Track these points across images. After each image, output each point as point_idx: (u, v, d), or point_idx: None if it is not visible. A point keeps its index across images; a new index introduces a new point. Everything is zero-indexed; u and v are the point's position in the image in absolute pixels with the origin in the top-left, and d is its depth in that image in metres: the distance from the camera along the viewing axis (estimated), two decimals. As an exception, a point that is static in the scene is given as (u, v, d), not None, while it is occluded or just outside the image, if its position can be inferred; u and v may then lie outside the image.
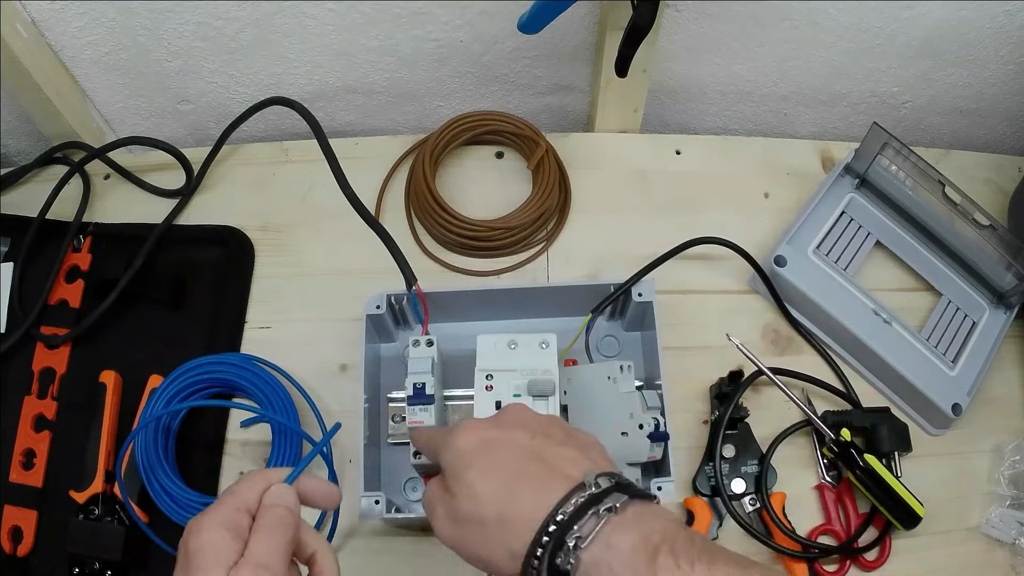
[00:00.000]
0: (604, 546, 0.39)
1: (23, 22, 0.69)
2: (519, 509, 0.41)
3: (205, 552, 0.39)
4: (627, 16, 0.62)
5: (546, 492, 0.41)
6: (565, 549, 0.39)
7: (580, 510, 0.40)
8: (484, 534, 0.42)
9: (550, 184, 0.75)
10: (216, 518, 0.40)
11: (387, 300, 0.65)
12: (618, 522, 0.40)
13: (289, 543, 0.41)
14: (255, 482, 0.43)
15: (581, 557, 0.39)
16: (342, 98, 0.83)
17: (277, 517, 0.42)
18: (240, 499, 0.42)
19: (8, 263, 0.74)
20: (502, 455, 0.44)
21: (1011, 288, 0.72)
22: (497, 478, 0.43)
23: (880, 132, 0.71)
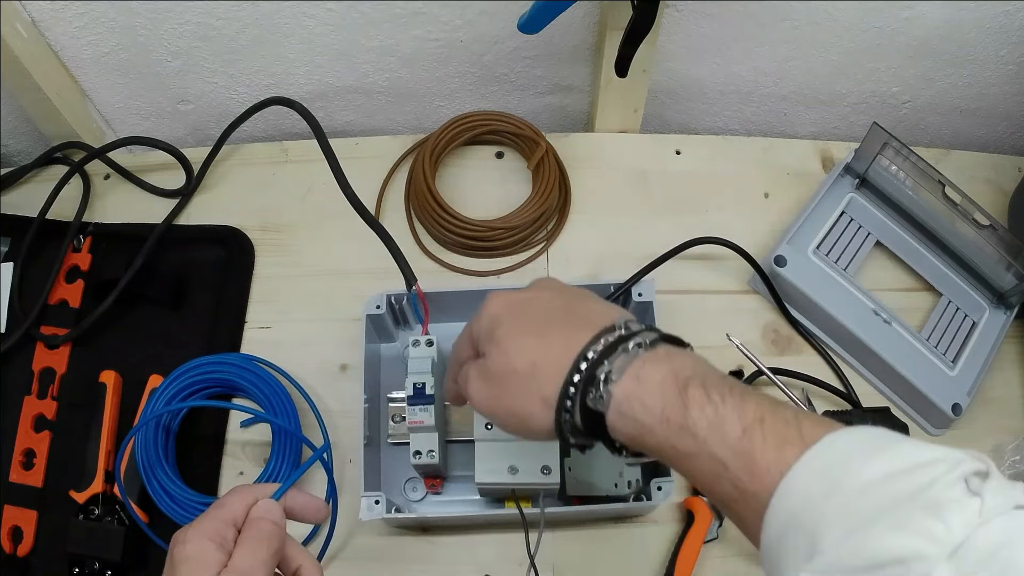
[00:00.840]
0: (634, 380, 0.39)
1: (23, 22, 0.69)
2: (549, 355, 0.41)
3: (189, 561, 0.40)
4: (627, 16, 0.62)
5: (576, 336, 0.41)
6: (596, 383, 0.39)
7: (610, 348, 0.40)
8: (517, 386, 0.42)
9: (550, 184, 0.75)
10: (201, 529, 0.41)
11: (387, 300, 0.65)
12: (648, 357, 0.40)
13: (273, 556, 0.42)
14: (242, 496, 0.44)
15: (612, 392, 0.39)
16: (342, 98, 0.83)
17: (262, 531, 0.42)
18: (227, 512, 0.43)
19: (8, 263, 0.74)
20: (532, 312, 0.45)
21: (1011, 288, 0.72)
22: (527, 331, 0.43)
23: (880, 132, 0.71)
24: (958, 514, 0.30)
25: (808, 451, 0.34)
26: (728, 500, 0.37)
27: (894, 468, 0.32)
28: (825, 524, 0.32)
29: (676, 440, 0.38)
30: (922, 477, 0.32)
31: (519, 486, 0.58)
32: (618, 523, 0.66)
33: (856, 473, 0.33)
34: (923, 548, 0.30)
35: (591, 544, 0.65)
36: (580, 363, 0.40)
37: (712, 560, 0.64)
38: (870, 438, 0.34)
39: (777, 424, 0.36)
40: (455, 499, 0.65)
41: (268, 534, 0.42)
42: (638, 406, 0.39)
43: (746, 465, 0.36)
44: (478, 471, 0.58)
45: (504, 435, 0.58)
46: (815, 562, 0.32)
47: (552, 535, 0.64)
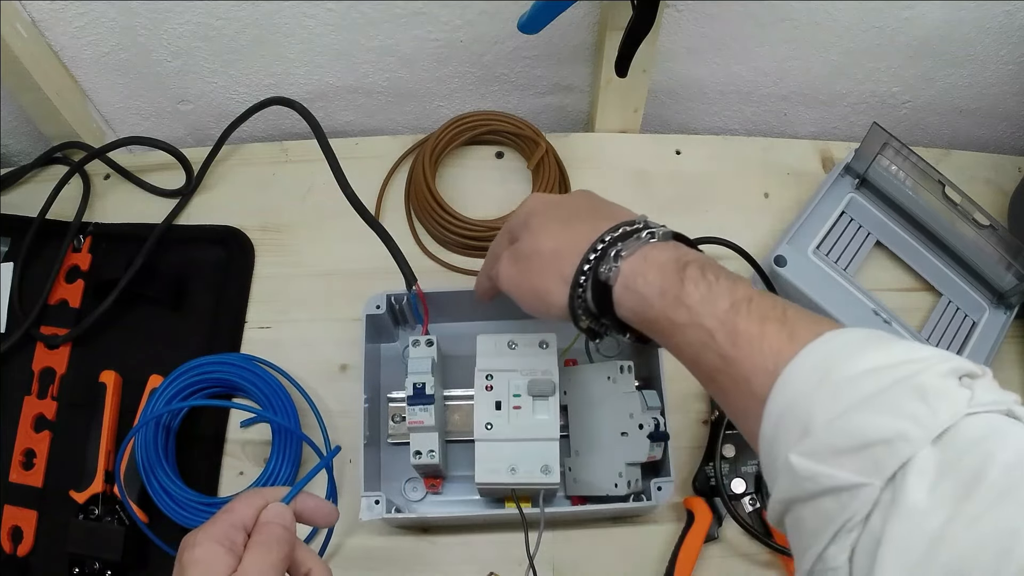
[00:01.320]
0: (641, 258, 0.43)
1: (23, 22, 0.69)
2: (572, 239, 0.46)
3: (199, 565, 0.40)
4: (627, 16, 0.62)
5: (598, 225, 0.46)
6: (607, 259, 0.44)
7: (625, 235, 0.45)
8: (540, 265, 0.47)
9: (550, 184, 0.75)
10: (211, 533, 0.41)
11: (387, 300, 0.65)
12: (657, 244, 0.44)
13: (283, 560, 0.42)
14: (252, 500, 0.44)
15: (620, 267, 0.43)
16: (342, 98, 0.83)
17: (272, 535, 0.42)
18: (236, 516, 0.43)
19: (8, 263, 0.74)
20: (565, 207, 0.50)
21: (1011, 288, 0.72)
22: (557, 221, 0.48)
23: (880, 132, 0.71)
24: (945, 401, 0.32)
25: (810, 344, 0.36)
26: (712, 371, 0.40)
27: (888, 361, 0.34)
28: (816, 408, 0.34)
29: (671, 312, 0.41)
30: (914, 367, 0.33)
31: (519, 486, 0.58)
32: (618, 523, 0.66)
33: (851, 364, 0.34)
34: (908, 430, 0.31)
35: (591, 544, 0.65)
36: (597, 244, 0.45)
37: (712, 560, 0.64)
38: (867, 336, 0.36)
39: (763, 305, 0.39)
40: (455, 499, 0.65)
41: (278, 538, 0.42)
42: (641, 280, 0.43)
43: (730, 335, 0.38)
44: (478, 471, 0.58)
45: (505, 435, 0.58)
46: (804, 444, 0.34)
47: (552, 535, 0.64)
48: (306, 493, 0.46)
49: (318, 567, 0.44)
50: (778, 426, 0.36)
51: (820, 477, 0.33)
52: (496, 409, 0.59)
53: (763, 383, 0.36)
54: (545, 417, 0.59)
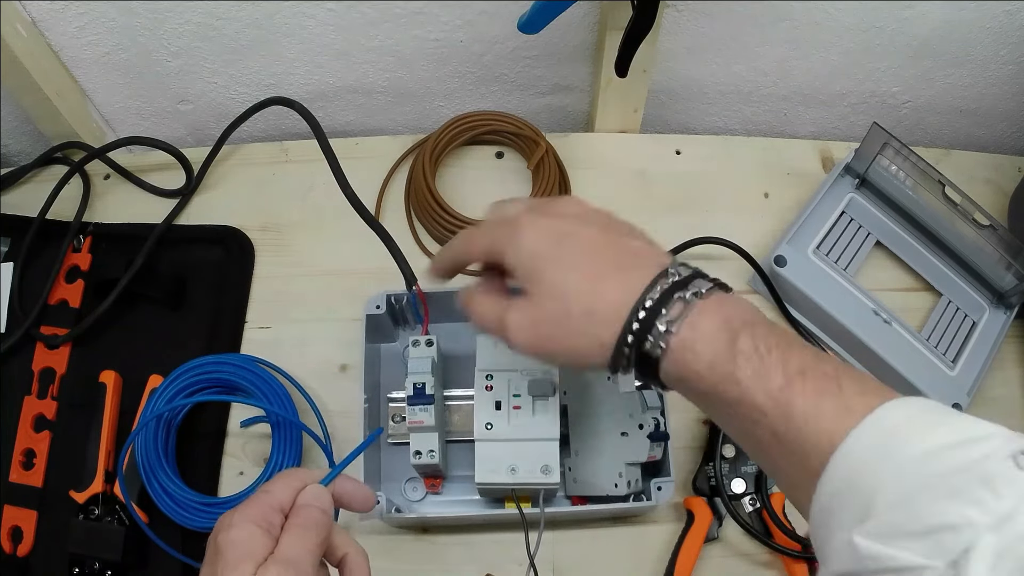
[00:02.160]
0: (690, 328, 0.40)
1: (23, 22, 0.69)
2: (606, 299, 0.42)
3: (235, 546, 0.39)
4: (627, 16, 0.62)
5: (631, 280, 0.42)
6: (655, 333, 0.40)
7: (666, 294, 0.41)
8: (570, 328, 0.42)
9: (550, 184, 0.75)
10: (248, 514, 0.40)
11: (387, 300, 0.65)
12: (702, 307, 0.41)
13: (320, 544, 0.41)
14: (290, 481, 0.43)
15: (668, 342, 0.40)
16: (342, 98, 0.83)
17: (310, 517, 0.41)
18: (274, 497, 0.42)
19: (8, 263, 0.74)
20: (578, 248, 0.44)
21: (1011, 288, 0.72)
22: (579, 272, 0.43)
23: (880, 132, 0.71)
24: (1011, 487, 0.32)
25: (868, 417, 0.35)
26: (764, 445, 0.39)
27: (951, 439, 0.34)
28: (881, 488, 0.34)
29: (721, 387, 0.39)
30: (977, 450, 0.33)
31: (519, 486, 0.58)
32: (618, 523, 0.66)
33: (914, 442, 0.34)
34: (974, 516, 0.31)
35: (591, 544, 0.65)
36: (639, 311, 0.41)
37: (712, 560, 0.64)
38: (924, 408, 0.36)
39: (817, 376, 0.38)
40: (455, 499, 0.65)
41: (316, 522, 0.41)
42: (690, 355, 0.40)
43: (784, 414, 0.37)
44: (478, 471, 0.58)
45: (505, 435, 0.58)
46: (868, 524, 0.33)
47: (552, 535, 0.64)
48: (344, 476, 0.45)
49: (354, 551, 0.43)
50: (834, 500, 0.35)
51: (883, 558, 0.33)
52: (496, 409, 0.59)
53: (819, 459, 0.36)
54: (545, 417, 0.59)
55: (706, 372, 0.40)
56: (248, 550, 0.39)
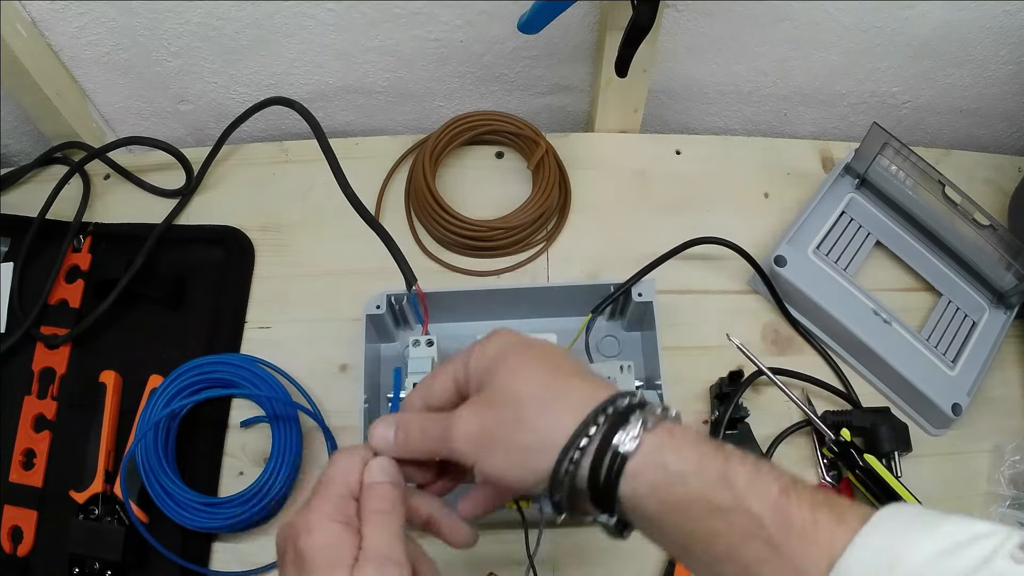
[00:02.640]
0: (667, 433, 0.37)
1: (23, 22, 0.69)
2: (567, 392, 0.39)
3: (323, 551, 0.37)
4: (627, 16, 0.62)
5: (596, 386, 0.39)
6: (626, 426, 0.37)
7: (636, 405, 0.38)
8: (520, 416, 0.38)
9: (550, 184, 0.75)
10: (325, 511, 0.38)
11: (387, 300, 0.65)
12: (676, 423, 0.39)
13: (403, 523, 0.39)
14: (350, 461, 0.41)
15: (642, 438, 0.37)
16: (342, 98, 0.83)
17: (385, 497, 0.39)
18: (341, 485, 0.39)
19: (8, 263, 0.74)
20: (542, 352, 0.41)
21: (1011, 288, 0.72)
22: (540, 363, 0.40)
23: (880, 132, 0.71)
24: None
25: (865, 526, 0.34)
26: (755, 561, 0.35)
27: (951, 543, 0.33)
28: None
29: (711, 492, 0.36)
30: (979, 550, 0.32)
31: (519, 486, 0.58)
32: (618, 523, 0.66)
33: (916, 550, 0.33)
34: None
35: (591, 544, 0.65)
36: (607, 406, 0.38)
37: (712, 560, 0.64)
38: (917, 514, 0.35)
39: (808, 490, 0.36)
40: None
41: (391, 500, 0.39)
42: (672, 456, 0.37)
43: (783, 523, 0.35)
44: (478, 471, 0.58)
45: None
46: None
47: (552, 535, 0.64)
48: None
49: (437, 507, 0.42)
50: None
51: None
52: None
53: (817, 572, 0.34)
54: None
55: (692, 476, 0.36)
56: (337, 554, 0.37)
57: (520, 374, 0.40)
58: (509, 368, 0.40)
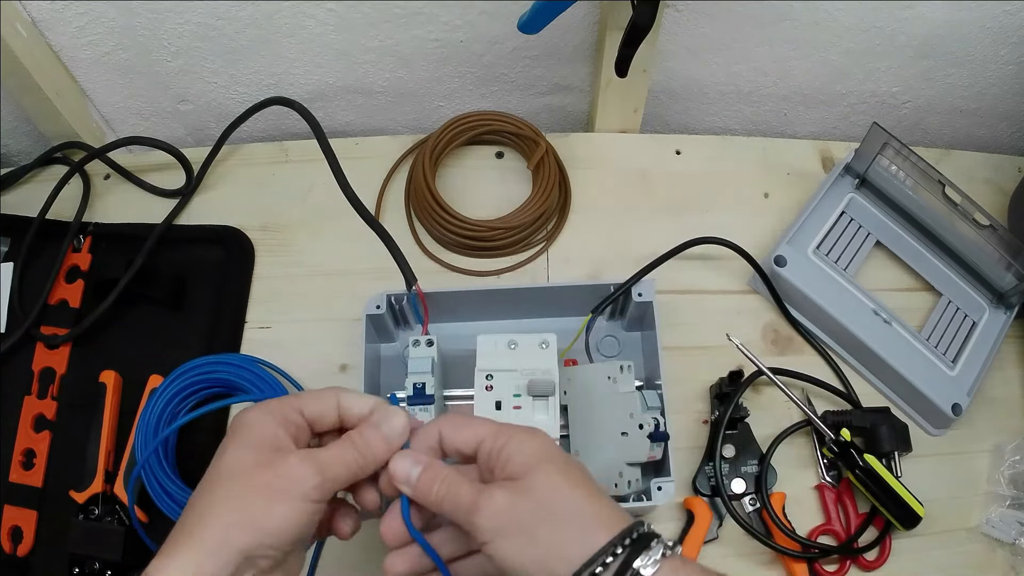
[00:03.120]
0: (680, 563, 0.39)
1: (23, 22, 0.69)
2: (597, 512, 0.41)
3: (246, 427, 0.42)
4: (627, 16, 0.62)
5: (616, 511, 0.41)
6: (649, 550, 0.39)
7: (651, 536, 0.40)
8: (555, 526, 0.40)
9: (550, 184, 0.75)
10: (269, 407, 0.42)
11: (387, 300, 0.65)
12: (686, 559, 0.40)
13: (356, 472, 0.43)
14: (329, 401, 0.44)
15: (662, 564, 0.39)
16: (342, 98, 0.83)
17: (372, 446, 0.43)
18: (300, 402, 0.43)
19: (8, 263, 0.74)
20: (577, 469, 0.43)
21: (1011, 288, 0.72)
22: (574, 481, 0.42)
23: (880, 132, 0.71)
24: None
25: None
26: None
27: None
28: None
29: None
30: None
31: (519, 486, 0.58)
32: (618, 523, 0.66)
33: None
34: None
35: (591, 544, 0.65)
36: (632, 531, 0.40)
37: (712, 560, 0.64)
38: None
39: None
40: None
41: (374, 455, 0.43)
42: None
43: None
44: (478, 471, 0.58)
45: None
46: None
47: (552, 535, 0.64)
48: None
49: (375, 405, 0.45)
50: None
51: None
52: (496, 409, 0.59)
53: None
54: (545, 417, 0.59)
55: None
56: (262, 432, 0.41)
57: (562, 482, 0.41)
58: (551, 472, 0.41)
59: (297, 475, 0.40)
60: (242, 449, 0.41)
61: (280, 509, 0.39)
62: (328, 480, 0.41)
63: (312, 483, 0.40)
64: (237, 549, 0.38)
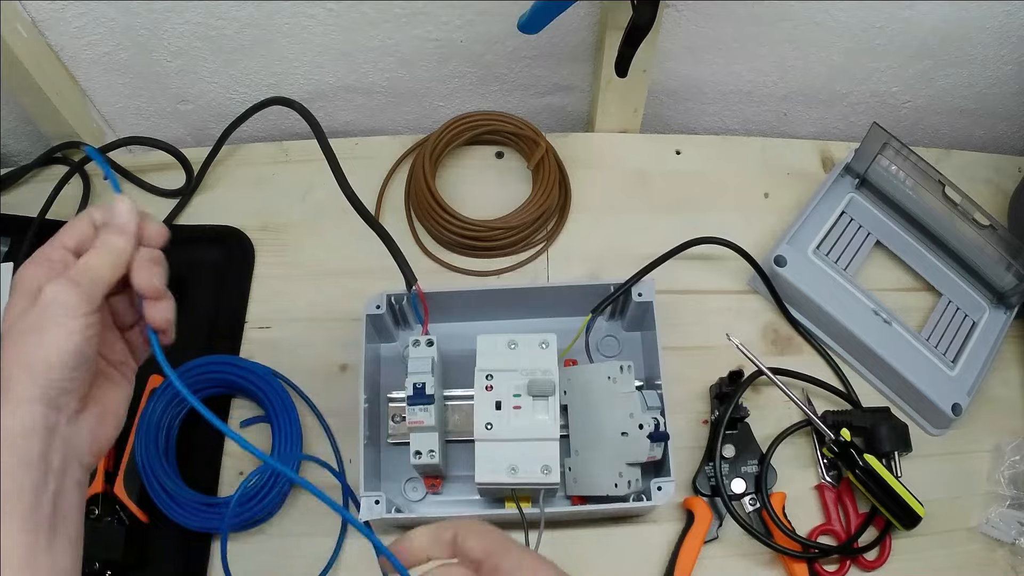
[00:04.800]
0: None
1: (23, 22, 0.69)
2: None
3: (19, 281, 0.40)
4: (627, 16, 0.62)
5: None
6: None
7: None
8: None
9: (550, 184, 0.75)
10: (35, 257, 0.41)
11: (387, 300, 0.65)
12: None
13: (114, 266, 0.43)
14: (78, 222, 0.44)
15: None
16: (342, 98, 0.83)
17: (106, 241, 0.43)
18: (61, 238, 0.43)
19: (8, 263, 0.74)
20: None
21: (1011, 288, 0.72)
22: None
23: (880, 132, 0.71)
24: None
25: None
26: None
27: None
28: None
29: None
30: None
31: (519, 486, 0.58)
32: (618, 523, 0.66)
33: None
34: None
35: (591, 544, 0.65)
36: None
37: (712, 560, 0.64)
38: None
39: None
40: (455, 499, 0.65)
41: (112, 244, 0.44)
42: None
43: None
44: (478, 471, 0.58)
45: (505, 435, 0.58)
46: None
47: (552, 535, 0.64)
48: None
49: None
50: None
51: None
52: (496, 409, 0.59)
53: None
54: (545, 417, 0.59)
55: None
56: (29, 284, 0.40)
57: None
58: None
59: (51, 297, 0.39)
60: (12, 305, 0.40)
61: (50, 337, 0.39)
62: (84, 286, 0.40)
63: (70, 297, 0.39)
64: (28, 399, 0.38)
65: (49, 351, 0.38)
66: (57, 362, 0.38)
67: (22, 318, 0.39)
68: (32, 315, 0.39)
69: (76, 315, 0.39)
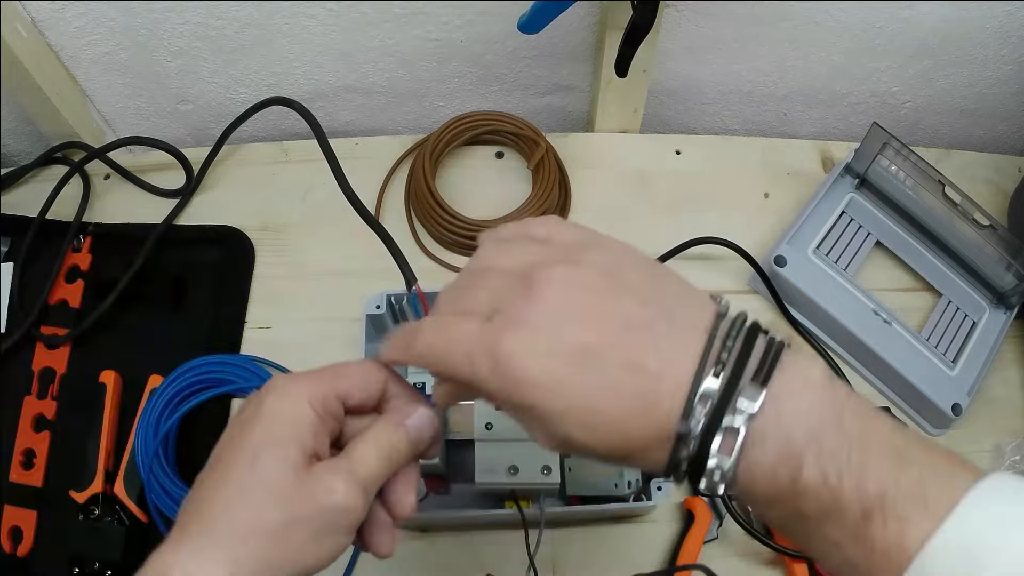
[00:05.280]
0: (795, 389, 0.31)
1: (23, 22, 0.69)
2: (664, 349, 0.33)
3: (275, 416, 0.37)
4: (627, 16, 0.62)
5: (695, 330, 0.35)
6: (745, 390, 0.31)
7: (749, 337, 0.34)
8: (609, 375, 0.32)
9: (550, 184, 0.75)
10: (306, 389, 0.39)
11: (387, 300, 0.65)
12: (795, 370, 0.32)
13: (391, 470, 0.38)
14: (369, 370, 0.41)
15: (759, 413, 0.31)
16: (342, 98, 0.83)
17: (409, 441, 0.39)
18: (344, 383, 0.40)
19: (8, 263, 0.74)
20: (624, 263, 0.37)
21: (1011, 288, 0.72)
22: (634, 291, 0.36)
23: (880, 132, 0.71)
24: None
25: (944, 524, 0.29)
26: (844, 569, 0.32)
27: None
28: None
29: (788, 522, 0.33)
30: None
31: (519, 486, 0.58)
32: (618, 523, 0.66)
33: (1004, 547, 0.28)
34: None
35: (591, 544, 0.65)
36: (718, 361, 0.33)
37: (712, 560, 0.64)
38: (1010, 498, 0.30)
39: (900, 497, 0.30)
40: (455, 499, 0.65)
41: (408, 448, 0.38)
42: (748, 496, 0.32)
43: (864, 551, 0.30)
44: (478, 471, 0.58)
45: (505, 435, 0.58)
46: None
47: (552, 535, 0.64)
48: None
49: None
50: None
51: None
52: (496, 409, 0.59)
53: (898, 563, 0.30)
54: (545, 417, 0.58)
55: (766, 508, 0.32)
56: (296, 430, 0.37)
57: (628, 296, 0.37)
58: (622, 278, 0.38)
59: (344, 506, 0.35)
60: (277, 455, 0.35)
61: (327, 546, 0.35)
62: (369, 497, 0.37)
63: (359, 514, 0.36)
64: (270, 568, 0.34)
65: (317, 557, 0.35)
66: (316, 565, 0.35)
67: (295, 498, 0.35)
68: (311, 508, 0.35)
69: (357, 528, 0.37)
